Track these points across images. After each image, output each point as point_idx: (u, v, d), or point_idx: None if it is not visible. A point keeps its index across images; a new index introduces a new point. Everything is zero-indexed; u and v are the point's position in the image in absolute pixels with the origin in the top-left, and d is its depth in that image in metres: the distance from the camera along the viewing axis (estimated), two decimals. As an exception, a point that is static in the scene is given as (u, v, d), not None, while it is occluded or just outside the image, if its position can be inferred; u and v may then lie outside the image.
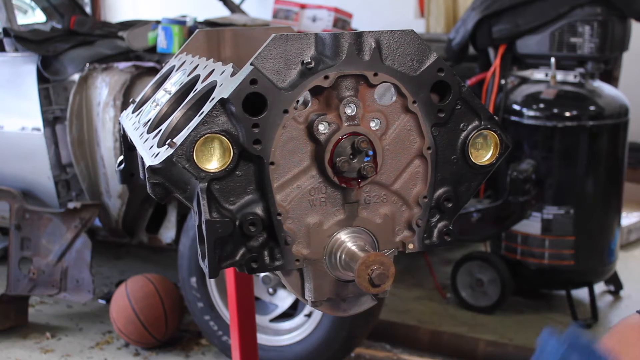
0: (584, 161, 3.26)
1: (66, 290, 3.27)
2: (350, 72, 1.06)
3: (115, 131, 3.11)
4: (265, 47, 1.03)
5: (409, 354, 3.17)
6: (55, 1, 4.61)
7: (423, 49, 1.09)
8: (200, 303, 3.01)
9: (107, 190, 3.25)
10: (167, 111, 1.30)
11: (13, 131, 3.36)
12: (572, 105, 3.27)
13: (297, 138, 1.06)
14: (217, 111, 1.02)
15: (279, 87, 1.03)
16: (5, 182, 3.44)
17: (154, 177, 1.04)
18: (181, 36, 3.38)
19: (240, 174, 1.05)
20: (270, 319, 2.99)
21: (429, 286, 3.88)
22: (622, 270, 3.77)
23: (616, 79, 3.70)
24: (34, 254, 3.33)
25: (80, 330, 3.44)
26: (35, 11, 5.33)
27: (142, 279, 3.24)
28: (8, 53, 3.39)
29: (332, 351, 2.82)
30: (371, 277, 0.99)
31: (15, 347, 3.28)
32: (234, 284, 1.94)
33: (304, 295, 1.14)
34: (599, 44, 3.24)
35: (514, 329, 3.37)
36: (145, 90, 1.59)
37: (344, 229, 1.10)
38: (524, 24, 3.35)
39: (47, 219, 3.29)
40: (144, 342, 3.19)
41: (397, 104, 1.10)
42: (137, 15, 6.20)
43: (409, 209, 1.14)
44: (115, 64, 3.19)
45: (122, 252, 4.50)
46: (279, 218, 1.06)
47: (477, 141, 1.15)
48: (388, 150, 1.10)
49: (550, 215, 3.29)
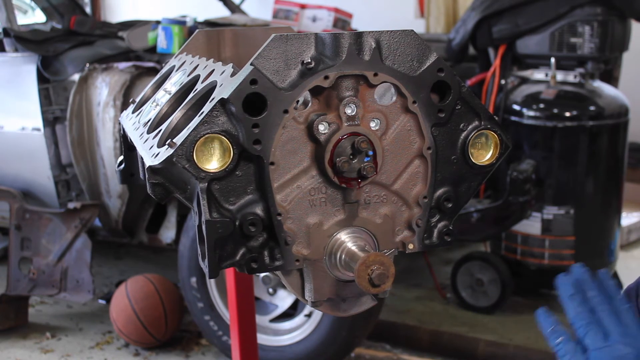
0: (584, 161, 3.26)
1: (66, 290, 3.27)
2: (350, 72, 1.06)
3: (115, 131, 3.11)
4: (265, 47, 1.03)
5: (409, 354, 3.17)
6: (55, 1, 4.61)
7: (423, 49, 1.09)
8: (200, 303, 3.01)
9: (107, 190, 3.25)
10: (167, 111, 1.30)
11: (13, 131, 3.36)
12: (572, 105, 3.27)
13: (297, 138, 1.06)
14: (217, 111, 1.02)
15: (279, 87, 1.03)
16: (5, 182, 3.44)
17: (154, 177, 1.04)
18: (181, 36, 3.38)
19: (240, 174, 1.05)
20: (270, 319, 2.99)
21: (429, 286, 3.88)
22: (622, 270, 3.77)
23: (616, 79, 3.70)
24: (34, 254, 3.33)
25: (80, 330, 3.44)
26: (35, 11, 5.33)
27: (142, 279, 3.24)
28: (8, 53, 3.39)
29: (332, 351, 2.82)
30: (371, 277, 0.99)
31: (15, 347, 3.28)
32: (234, 284, 1.94)
33: (304, 295, 1.14)
34: (599, 44, 3.24)
35: (514, 329, 3.37)
36: (145, 90, 1.59)
37: (344, 229, 1.10)
38: (524, 24, 3.35)
39: (47, 219, 3.29)
40: (144, 342, 3.19)
41: (397, 104, 1.10)
42: (137, 15, 6.20)
43: (409, 209, 1.14)
44: (115, 64, 3.19)
45: (122, 252, 4.50)
46: (279, 218, 1.06)
47: (477, 141, 1.15)
48: (388, 150, 1.10)
49: (550, 215, 3.29)
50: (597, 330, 1.00)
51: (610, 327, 1.00)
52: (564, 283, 1.07)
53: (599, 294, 1.05)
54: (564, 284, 1.06)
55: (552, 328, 1.04)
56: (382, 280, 0.98)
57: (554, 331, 1.04)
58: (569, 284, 1.06)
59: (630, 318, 1.02)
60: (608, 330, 1.00)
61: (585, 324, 1.02)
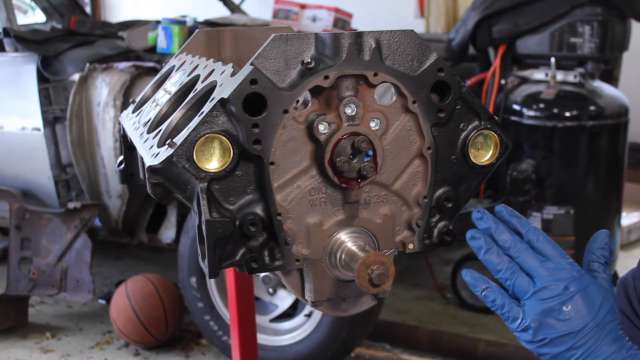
0: (584, 161, 3.26)
1: (66, 290, 3.27)
2: (350, 72, 1.06)
3: (115, 131, 3.11)
4: (265, 47, 1.03)
5: (409, 354, 3.17)
6: (55, 1, 4.61)
7: (423, 49, 1.09)
8: (200, 303, 3.01)
9: (107, 190, 3.25)
10: (167, 111, 1.29)
11: (13, 131, 3.36)
12: (572, 105, 3.27)
13: (297, 138, 1.06)
14: (217, 111, 1.02)
15: (279, 87, 1.03)
16: (5, 182, 3.44)
17: (154, 177, 1.04)
18: (181, 36, 3.38)
19: (240, 174, 1.05)
20: (270, 319, 2.99)
21: (429, 286, 3.88)
22: (622, 270, 3.77)
23: (616, 79, 3.70)
24: (34, 254, 3.33)
25: (80, 330, 3.44)
26: (35, 11, 5.33)
27: (142, 279, 3.24)
28: (8, 53, 3.39)
29: (332, 351, 2.82)
30: (371, 277, 0.98)
31: (15, 347, 3.28)
32: (234, 284, 1.94)
33: (304, 295, 1.14)
34: (599, 44, 3.24)
35: (514, 329, 3.37)
36: (145, 90, 1.59)
37: (344, 229, 1.10)
38: (524, 24, 3.35)
39: (47, 219, 3.29)
40: (144, 342, 3.19)
41: (397, 104, 1.10)
42: (137, 15, 6.20)
43: (409, 209, 1.14)
44: (115, 64, 3.19)
45: (122, 252, 4.50)
46: (279, 218, 1.06)
47: (477, 141, 1.15)
48: (388, 150, 1.10)
49: (550, 215, 3.29)
50: (522, 277, 1.01)
51: (532, 269, 1.01)
52: (474, 240, 1.05)
53: (509, 236, 1.04)
54: (475, 242, 1.05)
55: (483, 288, 1.04)
56: (382, 280, 0.98)
57: (484, 290, 1.04)
58: (480, 239, 1.05)
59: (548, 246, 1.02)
60: (532, 273, 1.01)
61: (509, 275, 1.02)
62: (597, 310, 0.98)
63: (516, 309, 1.01)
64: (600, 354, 0.96)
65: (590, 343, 0.97)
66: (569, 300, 0.98)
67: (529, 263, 1.02)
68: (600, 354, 0.96)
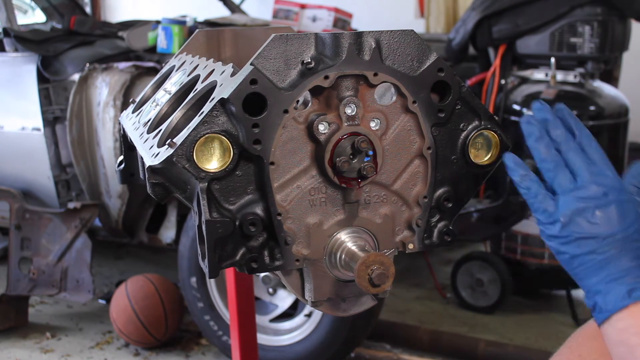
0: (584, 161, 3.26)
1: (66, 290, 3.27)
2: (350, 72, 1.06)
3: (115, 131, 3.11)
4: (265, 47, 1.03)
5: (409, 354, 3.17)
6: (55, 1, 4.61)
7: (423, 49, 1.09)
8: (200, 303, 3.01)
9: (107, 190, 3.25)
10: (167, 111, 1.29)
11: (13, 131, 3.36)
12: (572, 105, 3.25)
13: (297, 138, 1.06)
14: (217, 111, 1.02)
15: (279, 87, 1.03)
16: (5, 182, 3.44)
17: (154, 177, 1.04)
18: (181, 36, 3.38)
19: (240, 174, 1.05)
20: (270, 319, 2.99)
21: (429, 286, 3.88)
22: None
23: (616, 79, 3.70)
24: (34, 254, 3.33)
25: (80, 330, 3.44)
26: (35, 11, 5.33)
27: (142, 279, 3.24)
28: (8, 53, 3.39)
29: (332, 351, 2.82)
30: (371, 277, 0.99)
31: (15, 347, 3.28)
32: (234, 284, 1.94)
33: (304, 295, 1.14)
34: (599, 44, 3.24)
35: (514, 329, 3.37)
36: (145, 90, 1.59)
37: (344, 229, 1.10)
38: (524, 24, 3.34)
39: (47, 219, 3.29)
40: (144, 342, 3.19)
41: (397, 104, 1.10)
42: (137, 15, 6.19)
43: (409, 209, 1.14)
44: (115, 64, 3.19)
45: (122, 252, 4.50)
46: (279, 218, 1.06)
47: (477, 141, 1.15)
48: (388, 150, 1.10)
49: (550, 215, 3.28)
50: (565, 173, 1.00)
51: (577, 168, 1.00)
52: (529, 125, 1.03)
53: (563, 132, 1.03)
54: (529, 127, 1.03)
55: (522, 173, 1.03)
56: (382, 280, 0.98)
57: (522, 177, 1.03)
58: (535, 126, 1.03)
59: (597, 154, 1.01)
60: (575, 171, 1.00)
61: (552, 167, 1.01)
62: (628, 225, 0.95)
63: (549, 201, 0.99)
64: (618, 266, 0.94)
65: (612, 252, 0.95)
66: (605, 206, 0.96)
67: (575, 161, 1.00)
68: (618, 265, 0.94)
